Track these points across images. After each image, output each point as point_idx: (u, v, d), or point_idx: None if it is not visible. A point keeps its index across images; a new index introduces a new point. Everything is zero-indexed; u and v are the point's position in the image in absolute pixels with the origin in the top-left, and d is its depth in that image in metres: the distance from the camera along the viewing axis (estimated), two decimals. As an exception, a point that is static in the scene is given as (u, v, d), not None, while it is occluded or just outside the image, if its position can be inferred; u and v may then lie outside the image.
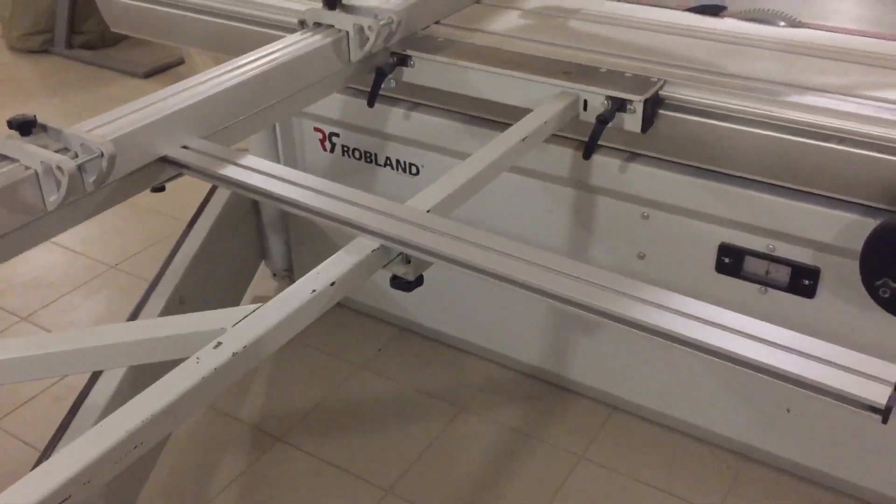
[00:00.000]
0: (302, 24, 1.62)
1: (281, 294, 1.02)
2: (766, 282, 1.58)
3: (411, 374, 2.03)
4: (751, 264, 1.58)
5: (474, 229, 1.11)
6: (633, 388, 1.86)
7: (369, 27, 1.56)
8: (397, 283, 1.14)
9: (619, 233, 1.71)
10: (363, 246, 1.11)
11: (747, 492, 1.71)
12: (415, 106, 1.84)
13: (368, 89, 1.67)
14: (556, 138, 1.63)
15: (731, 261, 1.60)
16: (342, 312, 2.16)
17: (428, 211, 1.19)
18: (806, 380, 0.83)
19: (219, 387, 0.91)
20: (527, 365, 1.99)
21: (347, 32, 1.56)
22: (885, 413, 0.81)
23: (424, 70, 1.65)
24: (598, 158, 1.64)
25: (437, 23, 1.81)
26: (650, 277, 1.70)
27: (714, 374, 1.71)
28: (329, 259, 1.09)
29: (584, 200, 1.72)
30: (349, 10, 1.61)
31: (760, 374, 0.87)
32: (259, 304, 0.99)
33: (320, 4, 1.62)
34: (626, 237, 1.70)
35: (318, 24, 1.60)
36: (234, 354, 0.91)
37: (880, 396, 0.81)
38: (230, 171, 1.24)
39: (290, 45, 1.54)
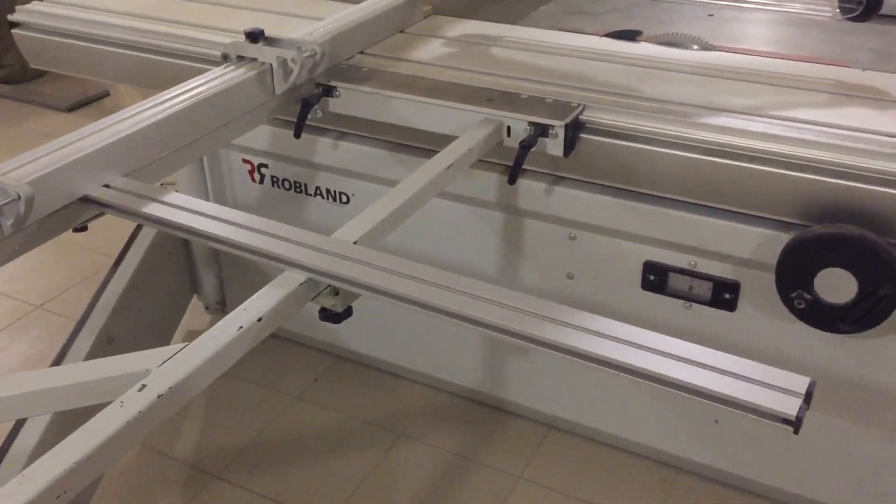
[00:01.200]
0: (225, 57, 1.62)
1: (207, 332, 1.01)
2: (689, 297, 1.62)
3: (349, 402, 2.02)
4: (675, 281, 1.63)
5: (401, 259, 1.12)
6: (568, 407, 1.89)
7: (293, 59, 1.57)
8: (326, 315, 1.15)
9: (547, 254, 1.74)
10: (290, 280, 1.11)
11: (681, 502, 1.75)
12: (343, 135, 1.85)
13: (295, 120, 1.67)
14: (482, 164, 1.65)
15: (655, 278, 1.64)
16: (277, 343, 2.15)
17: (355, 242, 1.19)
18: (721, 395, 0.86)
19: (144, 430, 0.90)
20: (463, 388, 2.00)
21: (271, 65, 1.57)
22: (796, 424, 0.85)
23: (350, 100, 1.66)
24: (524, 182, 1.67)
25: (361, 53, 1.83)
26: (579, 297, 1.73)
27: (645, 389, 1.75)
28: (256, 294, 1.09)
29: (513, 224, 1.75)
30: (272, 42, 1.61)
31: (679, 392, 0.89)
32: (185, 344, 0.99)
33: (243, 38, 1.62)
34: (555, 258, 1.73)
35: (241, 58, 1.60)
36: (159, 396, 0.90)
37: (791, 408, 0.85)
38: (152, 209, 1.23)
39: (213, 79, 1.54)
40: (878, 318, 1.38)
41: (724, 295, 1.58)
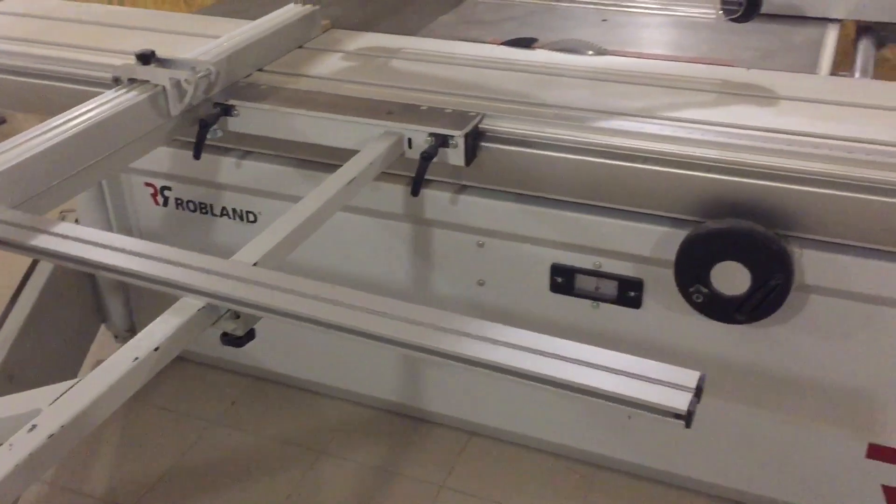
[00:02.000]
0: (116, 80, 1.58)
1: (101, 366, 0.99)
2: (596, 297, 1.66)
3: (268, 423, 1.99)
4: (581, 281, 1.66)
5: (301, 279, 1.12)
6: (487, 413, 1.90)
7: (186, 80, 1.55)
8: (228, 339, 1.13)
9: (457, 262, 1.76)
10: (188, 306, 1.09)
11: (600, 499, 1.78)
12: (246, 154, 1.83)
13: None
14: (387, 176, 1.66)
15: (563, 280, 1.67)
16: (190, 367, 2.10)
17: (255, 263, 1.18)
18: (617, 395, 0.89)
19: (37, 473, 0.87)
20: (382, 401, 2.00)
21: (164, 87, 1.54)
22: (686, 418, 0.87)
23: (249, 118, 1.65)
24: (429, 192, 1.68)
25: (260, 70, 1.81)
26: (491, 303, 1.75)
27: (558, 390, 1.78)
28: (152, 323, 1.07)
29: (421, 234, 1.76)
30: (164, 64, 1.59)
31: (577, 394, 0.91)
32: (77, 380, 0.96)
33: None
34: (465, 266, 1.75)
35: (133, 80, 1.57)
36: (50, 437, 0.88)
37: (682, 403, 0.87)
38: (41, 241, 1.19)
39: (105, 102, 1.50)
40: (771, 308, 1.43)
41: (628, 293, 1.62)
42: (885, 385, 1.51)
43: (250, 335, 1.13)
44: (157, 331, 1.05)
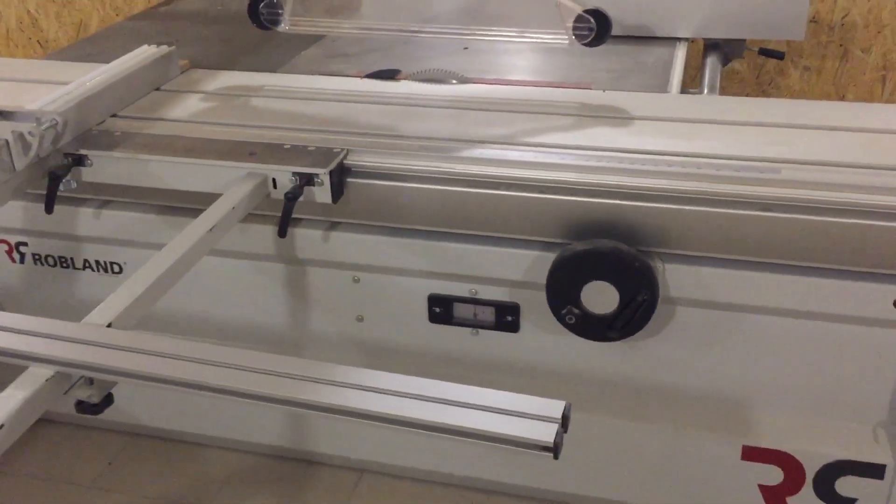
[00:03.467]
0: (-47, 136, 1.49)
1: (-63, 451, 0.91)
2: (475, 324, 1.66)
3: (148, 482, 1.90)
4: (459, 310, 1.66)
5: (157, 337, 1.07)
6: (374, 449, 1.87)
7: (30, 133, 1.47)
8: (83, 407, 1.07)
9: (334, 299, 1.73)
10: (35, 376, 1.03)
11: (496, 524, 1.78)
12: (105, 203, 1.76)
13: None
14: (256, 217, 1.62)
15: (441, 310, 1.67)
16: (60, 429, 1.99)
17: (109, 324, 1.13)
18: (481, 432, 0.88)
19: None
20: (267, 446, 1.94)
21: (7, 141, 1.46)
22: (554, 450, 0.88)
23: (103, 167, 1.58)
24: (300, 231, 1.66)
25: (114, 116, 1.75)
26: (371, 338, 1.73)
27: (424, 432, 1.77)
28: (-5, 399, 1.00)
29: (295, 274, 1.73)
30: (6, 116, 1.51)
31: (442, 434, 0.90)
32: None
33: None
34: (342, 303, 1.72)
35: (-28, 135, 1.48)
36: None
37: (549, 436, 0.88)
38: None
39: (-60, 161, 1.41)
40: (641, 323, 1.47)
41: (506, 318, 1.63)
42: (753, 388, 1.57)
43: (108, 400, 1.08)
44: (1, 407, 0.98)
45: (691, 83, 2.23)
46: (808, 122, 1.62)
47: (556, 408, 0.91)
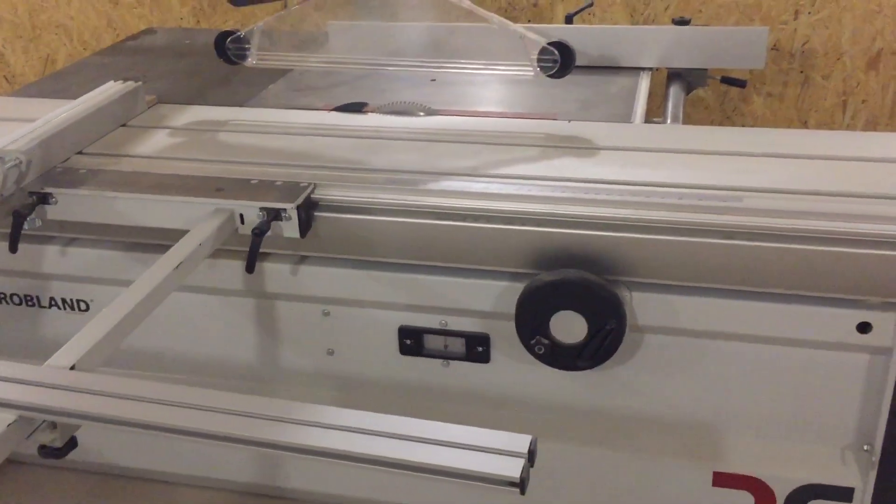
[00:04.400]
0: (-86, 176, 1.48)
1: None
2: (446, 355, 1.66)
3: (118, 522, 1.87)
4: (430, 341, 1.66)
5: (122, 379, 1.06)
6: (347, 484, 1.85)
7: (-7, 172, 1.46)
8: (46, 451, 1.05)
9: (304, 333, 1.72)
10: (-3, 421, 1.02)
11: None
12: (71, 240, 1.74)
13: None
14: (224, 252, 1.61)
15: (412, 342, 1.66)
16: (26, 471, 1.95)
17: (73, 366, 1.11)
18: (447, 469, 0.88)
19: None
20: (239, 483, 1.92)
21: (-31, 180, 1.45)
22: (521, 486, 0.88)
23: (68, 205, 1.57)
24: (269, 266, 1.65)
25: (79, 153, 1.74)
26: (342, 371, 1.73)
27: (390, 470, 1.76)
28: (-46, 446, 0.98)
29: (265, 308, 1.72)
30: (-32, 155, 1.50)
31: (407, 472, 0.90)
32: None
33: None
34: (312, 337, 1.72)
35: (-67, 175, 1.47)
36: None
37: (515, 471, 0.88)
38: None
39: None
40: (609, 351, 1.48)
41: (476, 348, 1.63)
42: (722, 414, 1.58)
43: (72, 444, 1.06)
44: (-40, 454, 0.96)
45: (657, 111, 2.27)
46: (769, 150, 1.65)
47: (522, 442, 0.91)
